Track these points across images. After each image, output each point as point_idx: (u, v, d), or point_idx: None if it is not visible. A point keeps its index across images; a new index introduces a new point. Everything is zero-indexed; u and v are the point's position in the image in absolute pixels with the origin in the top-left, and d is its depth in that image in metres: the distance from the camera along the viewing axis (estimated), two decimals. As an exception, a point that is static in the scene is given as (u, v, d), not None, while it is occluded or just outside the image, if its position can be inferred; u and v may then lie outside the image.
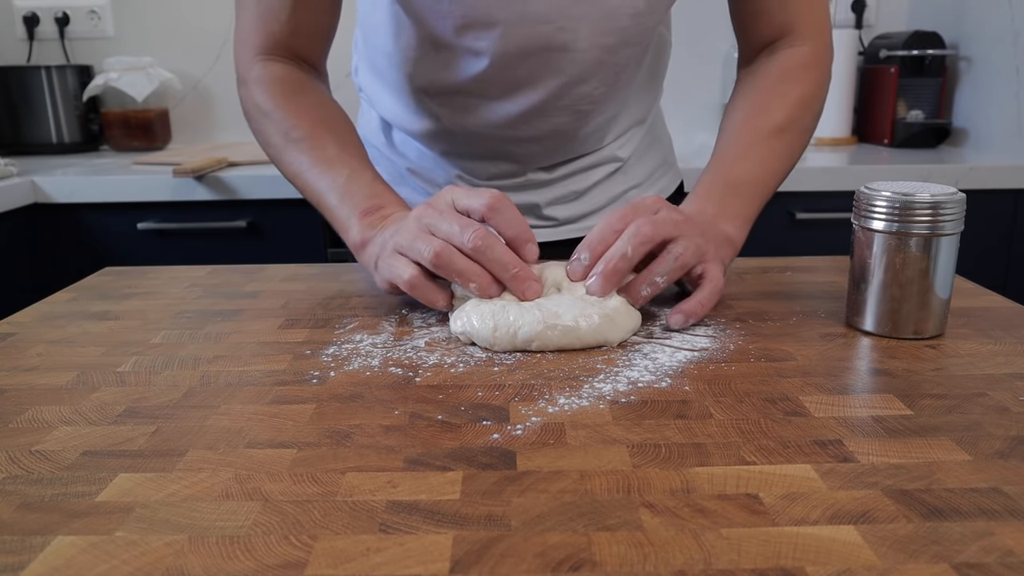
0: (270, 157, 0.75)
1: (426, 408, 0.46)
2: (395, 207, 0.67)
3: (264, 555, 0.32)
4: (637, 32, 0.72)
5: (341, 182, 0.68)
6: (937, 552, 0.32)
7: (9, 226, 1.41)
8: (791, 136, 0.73)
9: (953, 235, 0.55)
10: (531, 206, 0.84)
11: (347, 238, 0.67)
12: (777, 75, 0.75)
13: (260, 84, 0.73)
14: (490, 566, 0.31)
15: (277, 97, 0.73)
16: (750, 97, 0.76)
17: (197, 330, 0.61)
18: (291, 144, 0.71)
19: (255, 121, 0.75)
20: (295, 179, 0.72)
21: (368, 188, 0.68)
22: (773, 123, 0.72)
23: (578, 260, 0.58)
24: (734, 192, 0.69)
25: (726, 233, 0.66)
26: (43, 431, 0.44)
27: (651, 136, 0.90)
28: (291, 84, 0.74)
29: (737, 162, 0.71)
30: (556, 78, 0.73)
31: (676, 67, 1.04)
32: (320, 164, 0.69)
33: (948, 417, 0.45)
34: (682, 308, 0.58)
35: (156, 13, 1.92)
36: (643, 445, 0.41)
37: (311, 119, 0.72)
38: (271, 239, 1.51)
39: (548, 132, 0.78)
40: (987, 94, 1.74)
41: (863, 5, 1.92)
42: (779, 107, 0.73)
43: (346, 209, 0.67)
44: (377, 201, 0.67)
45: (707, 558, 0.32)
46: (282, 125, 0.72)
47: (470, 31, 0.69)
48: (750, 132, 0.72)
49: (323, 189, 0.69)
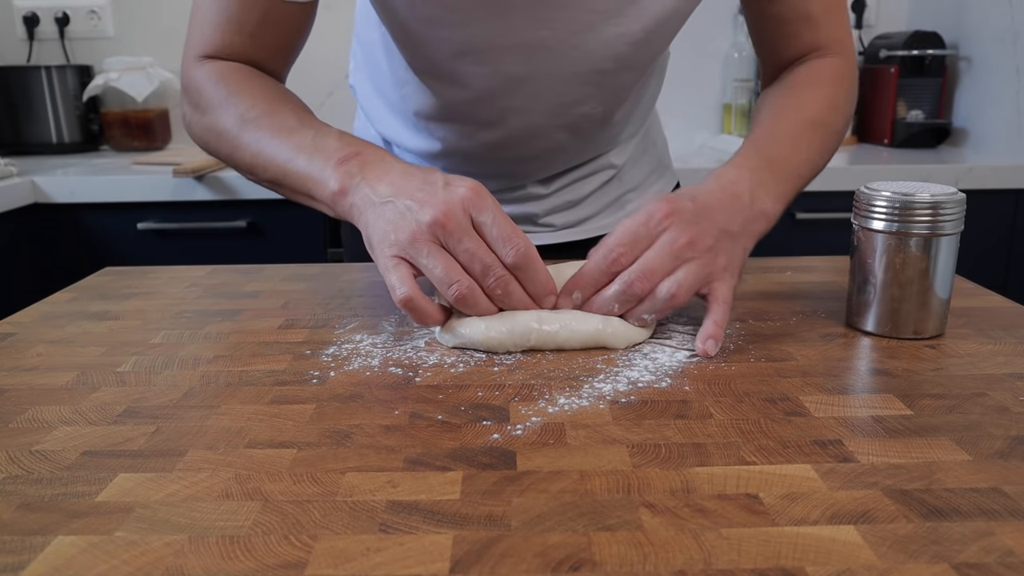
0: (223, 156, 0.68)
1: (426, 408, 0.46)
2: (373, 152, 0.61)
3: (264, 555, 0.32)
4: (636, 59, 0.72)
5: (308, 142, 0.62)
6: (937, 552, 0.32)
7: (9, 226, 1.41)
8: (823, 132, 0.71)
9: (953, 235, 0.55)
10: (528, 216, 0.85)
11: (323, 192, 0.60)
12: (808, 78, 0.74)
13: (209, 80, 0.67)
14: (490, 566, 0.31)
15: (229, 85, 0.67)
16: (782, 95, 0.74)
17: (197, 330, 0.61)
18: (247, 124, 0.65)
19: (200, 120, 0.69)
20: (255, 159, 0.65)
21: (338, 140, 0.62)
22: (806, 116, 0.71)
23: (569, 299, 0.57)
24: (771, 166, 0.65)
25: (763, 208, 0.62)
26: (43, 431, 0.44)
27: (646, 141, 0.90)
28: (243, 73, 0.68)
29: (774, 142, 0.68)
30: (554, 101, 0.72)
31: (676, 67, 1.04)
32: (282, 133, 0.64)
33: (948, 417, 0.45)
34: (703, 336, 0.55)
35: (156, 13, 1.92)
36: (643, 445, 0.41)
37: (266, 98, 0.67)
38: (271, 239, 1.51)
39: (547, 150, 0.78)
40: (987, 94, 1.74)
41: (863, 5, 1.92)
42: (811, 104, 0.72)
43: (319, 162, 0.60)
44: (353, 148, 0.61)
45: (707, 558, 0.32)
46: (236, 110, 0.66)
47: (467, 57, 0.68)
48: (785, 121, 0.71)
49: (289, 155, 0.63)
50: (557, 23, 0.66)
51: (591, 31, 0.67)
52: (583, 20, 0.66)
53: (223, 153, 0.68)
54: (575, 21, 0.66)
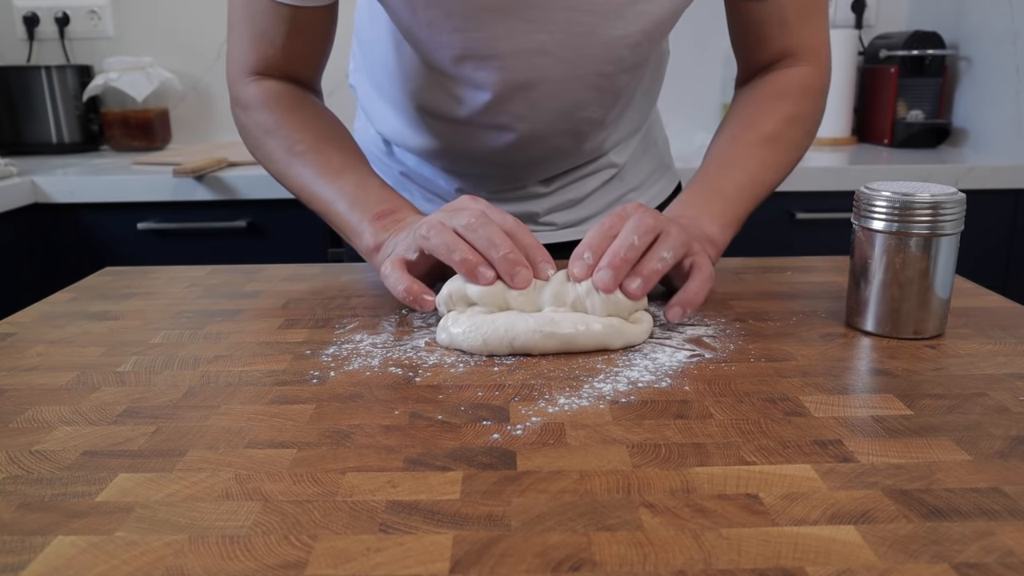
0: (273, 173, 0.74)
1: (426, 408, 0.46)
2: (407, 211, 0.67)
3: (264, 555, 0.32)
4: (635, 60, 0.72)
5: (350, 189, 0.68)
6: (937, 552, 0.32)
7: (9, 226, 1.41)
8: (778, 148, 0.72)
9: (953, 235, 0.55)
10: (530, 215, 0.85)
11: (359, 243, 0.67)
12: (770, 92, 0.75)
13: (258, 103, 0.73)
14: (490, 566, 0.31)
15: (277, 113, 0.72)
16: (740, 112, 0.76)
17: (197, 330, 0.61)
18: (295, 158, 0.71)
19: (256, 139, 0.74)
20: (300, 191, 0.72)
21: (378, 194, 0.68)
22: (760, 134, 0.72)
23: (581, 260, 0.56)
24: (716, 197, 0.68)
25: (707, 233, 0.65)
26: (43, 431, 0.44)
27: (647, 140, 0.90)
28: (289, 100, 0.73)
29: (721, 172, 0.71)
30: (555, 106, 0.72)
31: (676, 67, 1.04)
32: (326, 174, 0.70)
33: (948, 417, 0.45)
34: (678, 300, 0.57)
35: (156, 13, 1.92)
36: (643, 445, 0.41)
37: (314, 133, 0.72)
38: (271, 239, 1.51)
39: (548, 153, 0.78)
40: (987, 94, 1.74)
41: (863, 5, 1.92)
42: (767, 121, 0.73)
43: (357, 214, 0.67)
44: (389, 206, 0.67)
45: (707, 558, 0.32)
46: (286, 141, 0.71)
47: (468, 62, 0.69)
48: (737, 144, 0.72)
49: (331, 197, 0.69)
50: (555, 27, 0.66)
51: (590, 34, 0.67)
52: (582, 23, 0.66)
53: (273, 173, 0.75)
54: (574, 24, 0.66)
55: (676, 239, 0.58)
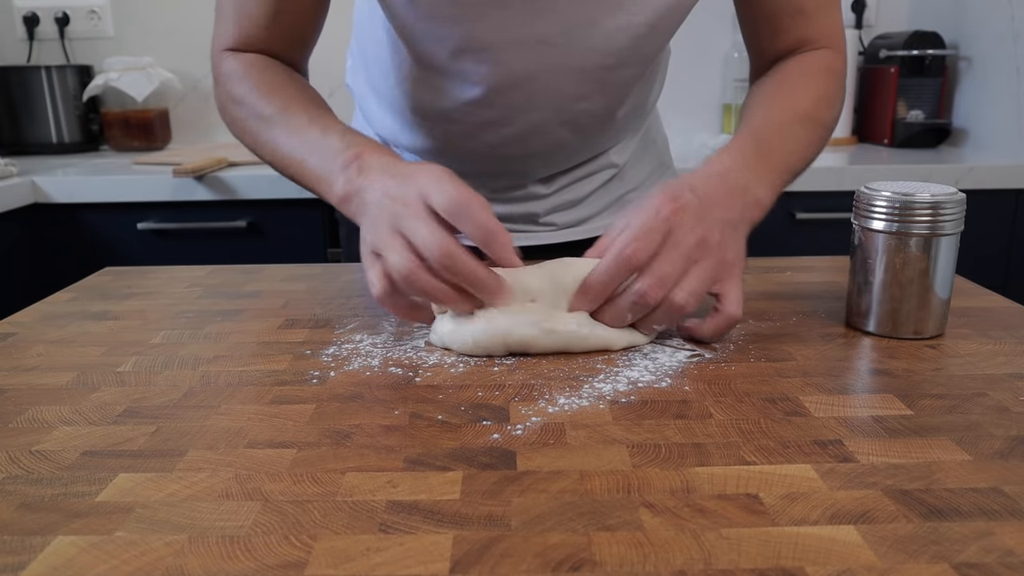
0: (251, 148, 0.72)
1: (426, 408, 0.46)
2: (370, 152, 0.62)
3: (264, 555, 0.32)
4: (637, 54, 0.72)
5: (314, 141, 0.65)
6: (937, 552, 0.32)
7: (9, 226, 1.41)
8: (812, 127, 0.71)
9: (953, 235, 0.55)
10: (530, 215, 0.84)
11: (331, 196, 0.63)
12: (799, 72, 0.74)
13: (234, 74, 0.71)
14: (490, 566, 0.31)
15: (247, 82, 0.70)
16: (772, 88, 0.74)
17: (197, 330, 0.61)
18: (263, 122, 0.69)
19: (230, 112, 0.73)
20: (274, 156, 0.69)
21: (340, 140, 0.64)
22: (798, 110, 0.71)
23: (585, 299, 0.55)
24: (764, 156, 0.65)
25: (756, 196, 0.62)
26: (43, 431, 0.44)
27: (647, 140, 0.90)
28: (260, 65, 0.72)
29: (767, 132, 0.68)
30: (555, 98, 0.72)
31: (676, 67, 1.04)
32: (294, 132, 0.67)
33: (948, 417, 0.45)
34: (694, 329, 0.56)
35: (156, 13, 1.92)
36: (643, 445, 0.41)
37: (281, 94, 0.70)
38: (271, 239, 1.51)
39: (548, 147, 0.78)
40: (987, 94, 1.74)
41: (863, 5, 1.92)
42: (803, 98, 0.72)
43: (325, 165, 0.63)
44: (354, 151, 0.63)
45: (707, 558, 0.32)
46: (255, 107, 0.70)
47: (467, 55, 0.68)
48: (777, 113, 0.70)
49: (301, 155, 0.66)
50: (556, 16, 0.66)
51: (591, 24, 0.67)
52: (582, 13, 0.66)
53: (251, 148, 0.72)
54: (575, 14, 0.66)
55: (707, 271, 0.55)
